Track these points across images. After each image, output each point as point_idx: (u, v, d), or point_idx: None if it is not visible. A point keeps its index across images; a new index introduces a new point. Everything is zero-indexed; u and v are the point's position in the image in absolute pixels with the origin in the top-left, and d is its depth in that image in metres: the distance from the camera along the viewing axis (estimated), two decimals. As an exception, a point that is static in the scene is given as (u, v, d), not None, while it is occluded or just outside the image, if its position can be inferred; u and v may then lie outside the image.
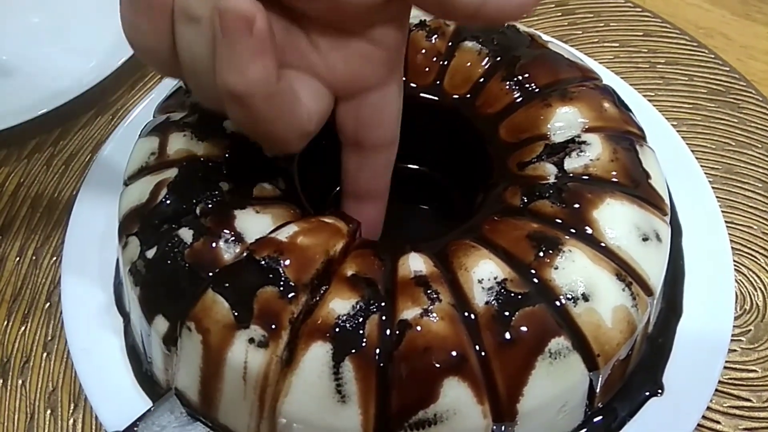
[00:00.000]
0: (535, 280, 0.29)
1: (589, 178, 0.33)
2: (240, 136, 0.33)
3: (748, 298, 0.41)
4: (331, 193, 0.38)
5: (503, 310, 0.28)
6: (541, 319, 0.28)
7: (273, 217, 0.31)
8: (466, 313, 0.28)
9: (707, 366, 0.33)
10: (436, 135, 0.39)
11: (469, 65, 0.38)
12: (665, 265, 0.32)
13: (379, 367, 0.27)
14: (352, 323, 0.28)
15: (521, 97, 0.36)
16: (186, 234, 0.30)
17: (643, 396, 0.33)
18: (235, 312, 0.28)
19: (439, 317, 0.28)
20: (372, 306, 0.28)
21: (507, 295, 0.28)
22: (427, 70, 0.38)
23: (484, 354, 0.28)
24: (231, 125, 0.34)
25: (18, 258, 0.45)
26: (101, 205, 0.38)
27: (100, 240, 0.38)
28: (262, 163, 0.33)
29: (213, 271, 0.29)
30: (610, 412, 0.32)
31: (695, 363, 0.34)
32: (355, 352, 0.27)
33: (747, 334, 0.40)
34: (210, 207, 0.31)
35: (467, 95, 0.37)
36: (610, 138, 0.34)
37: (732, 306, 0.36)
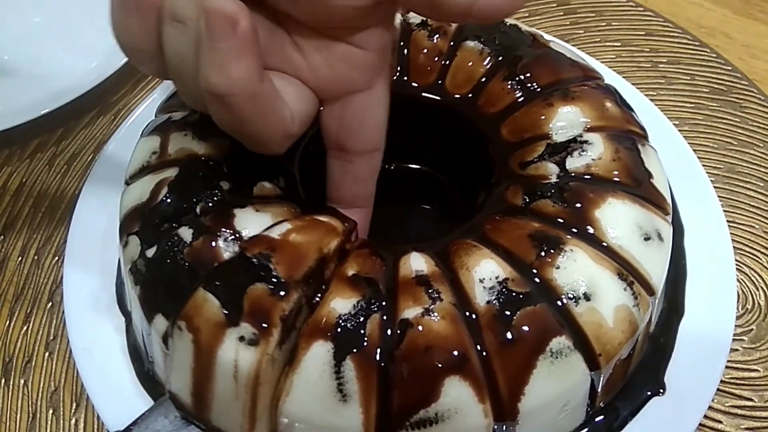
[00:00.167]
0: (537, 280, 0.29)
1: (591, 178, 0.33)
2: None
3: (750, 298, 0.41)
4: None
5: (504, 310, 0.28)
6: (542, 318, 0.28)
7: (273, 216, 0.31)
8: (468, 313, 0.28)
9: (709, 365, 0.33)
10: (437, 134, 0.39)
11: (470, 65, 0.38)
12: (667, 265, 0.32)
13: (380, 366, 0.27)
14: (353, 323, 0.28)
15: (523, 96, 0.36)
16: (186, 233, 0.30)
17: (644, 395, 0.33)
18: (225, 310, 0.27)
19: (440, 317, 0.28)
20: (373, 305, 0.28)
21: (508, 295, 0.28)
22: (428, 69, 0.38)
23: (485, 353, 0.28)
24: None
25: (20, 258, 0.45)
26: (103, 204, 0.39)
27: (102, 239, 0.38)
28: (263, 163, 0.32)
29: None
30: (612, 411, 0.32)
31: (697, 362, 0.33)
32: (356, 351, 0.27)
33: (749, 333, 0.40)
34: (210, 206, 0.31)
35: (469, 95, 0.37)
36: (612, 137, 0.34)
37: (734, 305, 0.35)
